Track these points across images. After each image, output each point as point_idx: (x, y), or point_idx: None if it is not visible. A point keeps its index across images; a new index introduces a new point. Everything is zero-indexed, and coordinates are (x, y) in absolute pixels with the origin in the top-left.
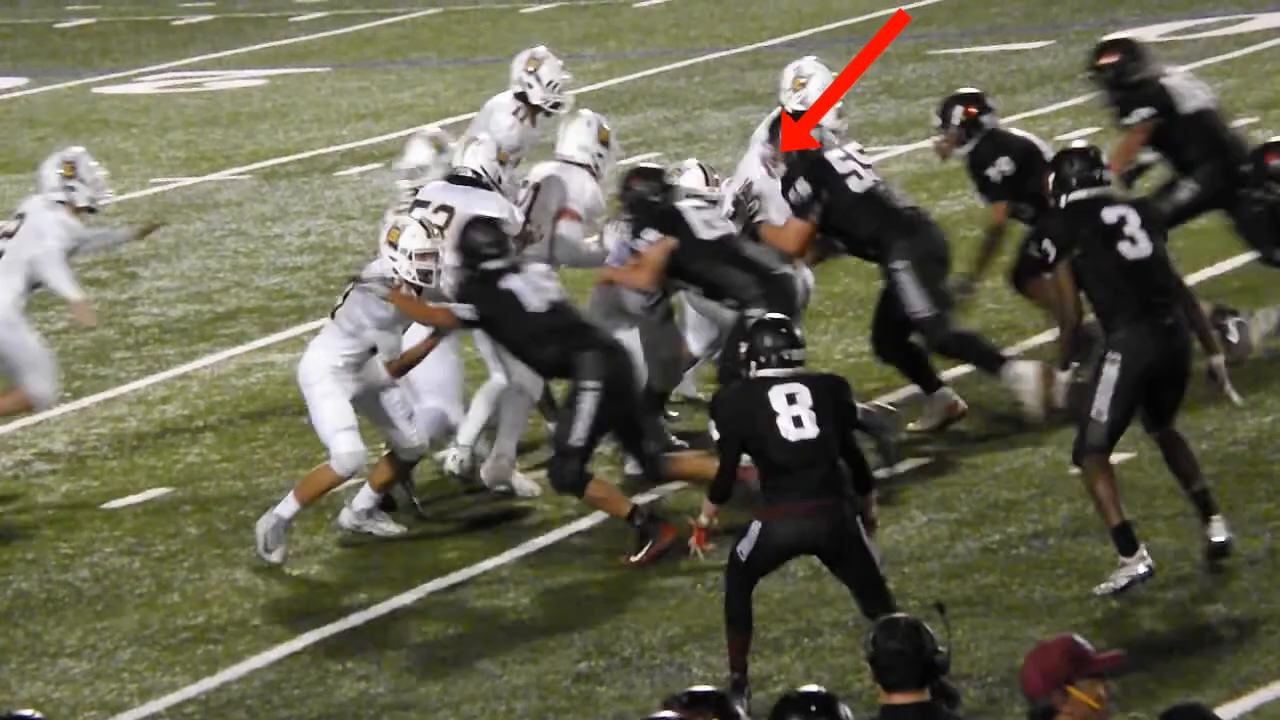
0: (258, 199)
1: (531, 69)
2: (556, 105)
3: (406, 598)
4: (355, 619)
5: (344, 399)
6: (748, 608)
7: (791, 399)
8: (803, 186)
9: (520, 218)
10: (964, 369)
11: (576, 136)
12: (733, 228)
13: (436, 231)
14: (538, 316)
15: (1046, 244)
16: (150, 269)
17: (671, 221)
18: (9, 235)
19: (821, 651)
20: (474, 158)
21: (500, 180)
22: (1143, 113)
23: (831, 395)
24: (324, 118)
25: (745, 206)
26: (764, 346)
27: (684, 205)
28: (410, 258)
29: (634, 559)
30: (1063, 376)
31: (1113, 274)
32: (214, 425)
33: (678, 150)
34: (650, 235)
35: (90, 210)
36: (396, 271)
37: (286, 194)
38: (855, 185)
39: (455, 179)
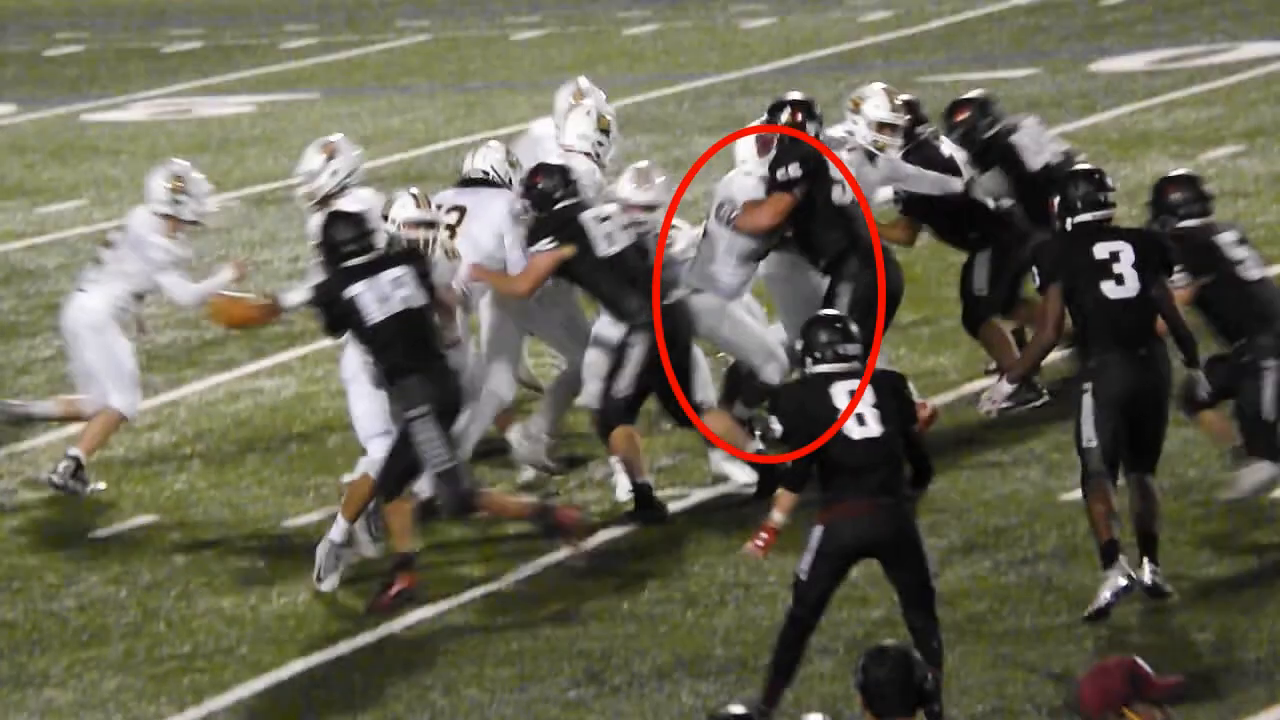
0: (246, 224)
1: (575, 100)
2: (604, 132)
3: (394, 625)
4: (343, 647)
5: (377, 399)
6: (799, 654)
7: (852, 395)
8: (794, 169)
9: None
10: (976, 386)
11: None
12: (630, 239)
13: (427, 205)
14: (375, 328)
15: (1035, 270)
16: None
17: (571, 232)
18: (109, 245)
19: (811, 679)
20: (483, 159)
21: (510, 180)
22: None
23: (892, 392)
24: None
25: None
26: (819, 342)
27: (586, 217)
28: (399, 227)
29: (381, 599)
30: (1005, 388)
31: (1092, 309)
32: (201, 452)
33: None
34: (545, 245)
35: (195, 224)
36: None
37: (275, 220)
38: (838, 196)
39: (466, 181)
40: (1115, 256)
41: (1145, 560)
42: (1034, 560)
